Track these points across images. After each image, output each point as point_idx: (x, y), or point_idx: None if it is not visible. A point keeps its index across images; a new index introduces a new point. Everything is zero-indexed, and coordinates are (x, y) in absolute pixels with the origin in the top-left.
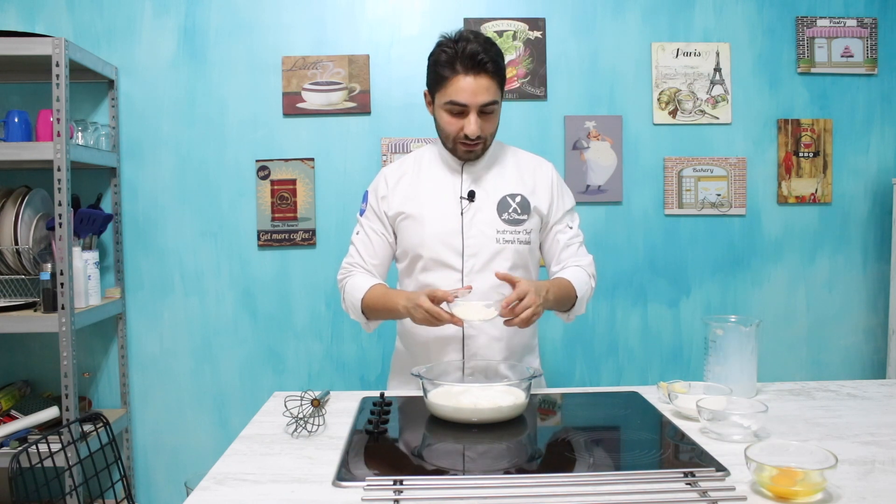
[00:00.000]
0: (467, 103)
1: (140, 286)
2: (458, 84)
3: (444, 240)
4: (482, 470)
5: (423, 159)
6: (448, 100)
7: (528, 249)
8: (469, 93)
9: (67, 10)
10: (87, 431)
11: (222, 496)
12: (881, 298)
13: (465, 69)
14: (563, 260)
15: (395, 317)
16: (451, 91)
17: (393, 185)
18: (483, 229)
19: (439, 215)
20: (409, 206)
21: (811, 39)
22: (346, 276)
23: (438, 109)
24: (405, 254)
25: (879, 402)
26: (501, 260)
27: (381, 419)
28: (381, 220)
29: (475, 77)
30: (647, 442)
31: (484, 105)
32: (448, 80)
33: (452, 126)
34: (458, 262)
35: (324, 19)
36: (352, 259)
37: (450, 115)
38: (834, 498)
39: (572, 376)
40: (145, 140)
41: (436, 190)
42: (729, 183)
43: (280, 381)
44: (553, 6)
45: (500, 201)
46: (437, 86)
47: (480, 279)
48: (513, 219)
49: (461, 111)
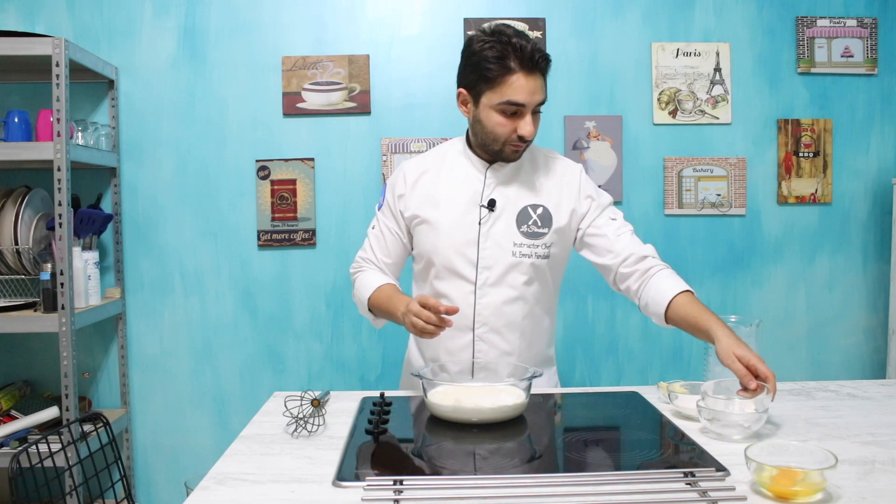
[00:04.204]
0: (525, 103)
1: (140, 286)
2: (517, 83)
3: (458, 249)
4: (482, 470)
5: (446, 156)
6: (504, 100)
7: (546, 264)
8: (527, 92)
9: (67, 10)
10: (87, 431)
11: (222, 496)
12: (881, 298)
13: (522, 67)
14: (620, 251)
15: (396, 321)
16: (507, 91)
17: (412, 184)
18: (499, 241)
19: (456, 223)
20: (425, 210)
21: (811, 39)
22: (357, 270)
23: (487, 109)
24: (421, 257)
25: (879, 402)
26: (517, 274)
27: (381, 419)
28: (397, 220)
29: (532, 76)
30: (647, 442)
31: (539, 104)
32: (503, 79)
33: (505, 128)
34: (471, 273)
35: (324, 19)
36: (365, 254)
37: (503, 116)
38: (834, 498)
39: (572, 376)
40: (145, 140)
41: (455, 195)
42: (729, 183)
43: (280, 381)
44: (553, 6)
45: (521, 212)
46: (486, 84)
47: (494, 293)
48: (532, 231)
49: (515, 111)
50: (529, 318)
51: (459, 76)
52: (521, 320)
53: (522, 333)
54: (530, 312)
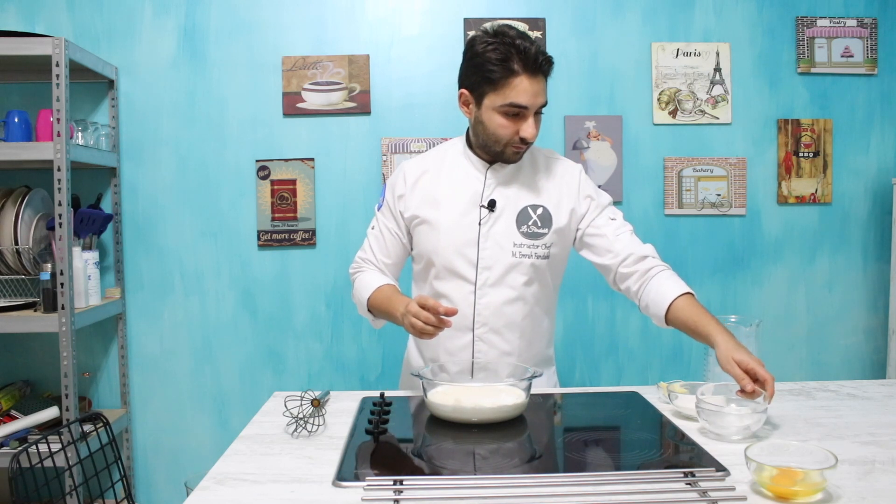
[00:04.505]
0: (528, 105)
1: (140, 286)
2: (521, 85)
3: (458, 250)
4: (482, 470)
5: (446, 156)
6: (507, 102)
7: (546, 264)
8: (531, 95)
9: (67, 10)
10: (87, 431)
11: (222, 496)
12: (881, 298)
13: (526, 70)
14: (620, 252)
15: (396, 322)
16: (511, 93)
17: (412, 184)
18: (499, 241)
19: (456, 224)
20: (425, 210)
21: (811, 39)
22: (356, 271)
23: (489, 111)
24: (420, 257)
25: (879, 402)
26: (517, 274)
27: (381, 419)
28: (397, 220)
29: (535, 78)
30: (647, 442)
31: (541, 107)
32: (506, 81)
33: (507, 129)
34: (471, 273)
35: (324, 19)
36: (364, 254)
37: (505, 118)
38: (834, 498)
39: (572, 376)
40: (145, 140)
41: (455, 195)
42: (729, 183)
43: (280, 381)
44: (553, 6)
45: (521, 212)
46: (489, 86)
47: (493, 293)
48: (532, 232)
49: (517, 113)
50: (529, 319)
51: (461, 77)
52: (521, 320)
53: (522, 334)
54: (530, 313)
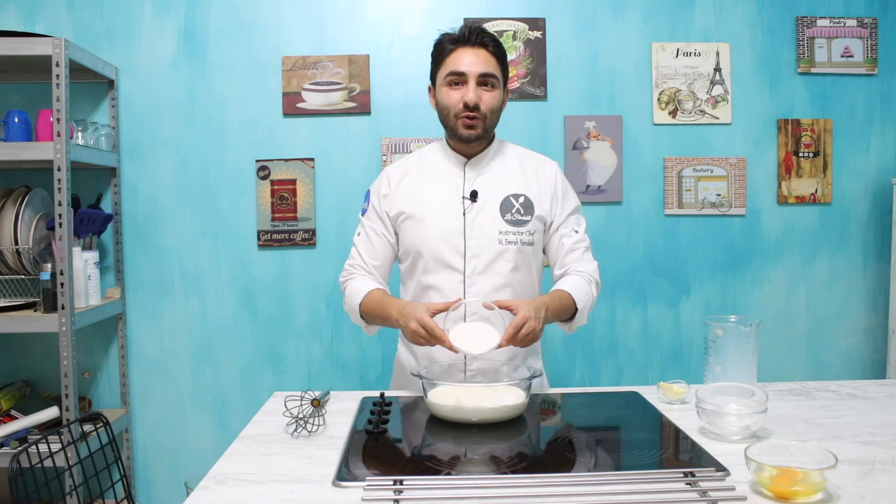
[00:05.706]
0: (466, 71)
1: (140, 286)
2: (458, 55)
3: (446, 239)
4: (482, 470)
5: (426, 158)
6: (448, 71)
7: (531, 251)
8: (468, 62)
9: (67, 10)
10: (87, 431)
11: (222, 496)
12: (881, 298)
13: (461, 42)
14: (566, 264)
15: (391, 325)
16: (450, 63)
17: (395, 184)
18: (485, 230)
19: (441, 215)
20: (410, 205)
21: (811, 39)
22: (346, 278)
23: (440, 89)
24: (407, 254)
25: (879, 402)
26: (503, 261)
27: (381, 419)
28: (383, 220)
29: (475, 49)
30: (647, 442)
31: (483, 75)
32: (448, 54)
33: (452, 98)
34: (459, 262)
35: (324, 19)
36: (353, 261)
37: (449, 88)
38: (834, 498)
39: (572, 376)
40: (145, 140)
41: (438, 189)
42: (729, 183)
43: (280, 381)
44: (553, 6)
45: (504, 201)
46: (438, 65)
47: (482, 281)
48: (516, 219)
49: (458, 81)
50: None
51: None
52: None
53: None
54: None
